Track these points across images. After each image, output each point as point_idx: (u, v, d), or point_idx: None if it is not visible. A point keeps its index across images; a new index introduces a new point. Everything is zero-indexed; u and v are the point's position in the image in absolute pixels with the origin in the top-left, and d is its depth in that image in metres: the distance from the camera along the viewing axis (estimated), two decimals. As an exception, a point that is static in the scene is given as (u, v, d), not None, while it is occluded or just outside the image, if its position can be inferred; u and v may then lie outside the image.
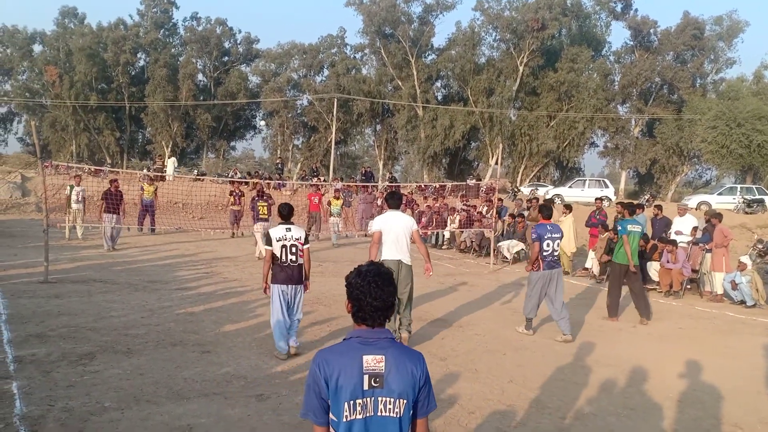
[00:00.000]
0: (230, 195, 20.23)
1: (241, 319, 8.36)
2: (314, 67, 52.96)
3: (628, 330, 8.93)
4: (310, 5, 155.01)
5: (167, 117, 49.16)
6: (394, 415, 2.21)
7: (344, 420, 2.18)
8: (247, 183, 26.16)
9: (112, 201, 15.41)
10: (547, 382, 6.19)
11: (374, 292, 2.26)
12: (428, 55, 48.06)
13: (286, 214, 6.94)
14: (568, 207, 15.40)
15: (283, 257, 6.64)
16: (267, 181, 25.80)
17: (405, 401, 2.23)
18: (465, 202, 20.86)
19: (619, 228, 9.61)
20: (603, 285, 13.12)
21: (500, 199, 20.59)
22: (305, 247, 6.83)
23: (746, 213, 25.79)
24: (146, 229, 19.05)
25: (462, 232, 18.25)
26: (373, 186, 27.07)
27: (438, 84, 49.39)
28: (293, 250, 6.68)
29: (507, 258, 16.19)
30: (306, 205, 20.84)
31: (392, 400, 2.21)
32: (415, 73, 45.46)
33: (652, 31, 44.44)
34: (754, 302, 11.13)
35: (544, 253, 8.07)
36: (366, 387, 2.19)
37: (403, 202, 14.18)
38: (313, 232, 18.69)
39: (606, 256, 13.64)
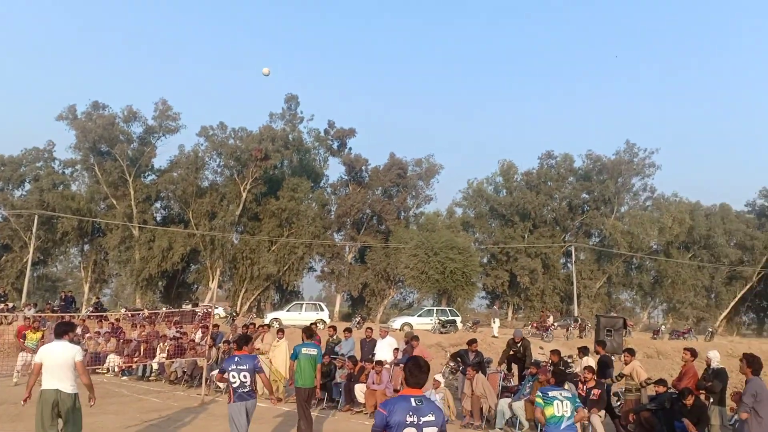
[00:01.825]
0: None
1: None
2: (13, 181, 47.33)
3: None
4: (12, 115, 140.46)
5: None
6: None
7: None
8: None
9: None
10: None
11: None
12: (148, 175, 46.65)
13: None
14: (281, 331, 15.53)
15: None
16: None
17: None
18: (178, 329, 19.76)
19: (293, 353, 9.96)
20: (313, 410, 13.28)
21: (216, 325, 20.01)
22: None
23: (441, 333, 28.79)
24: None
25: (172, 362, 17.11)
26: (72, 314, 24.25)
27: (158, 205, 47.81)
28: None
29: (220, 388, 15.48)
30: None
31: None
32: (132, 193, 43.53)
33: (363, 168, 49.49)
34: (446, 418, 12.18)
35: (234, 385, 7.93)
36: None
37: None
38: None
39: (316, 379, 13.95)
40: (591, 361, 13.54)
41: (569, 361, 14.22)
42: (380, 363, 13.07)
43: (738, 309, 52.13)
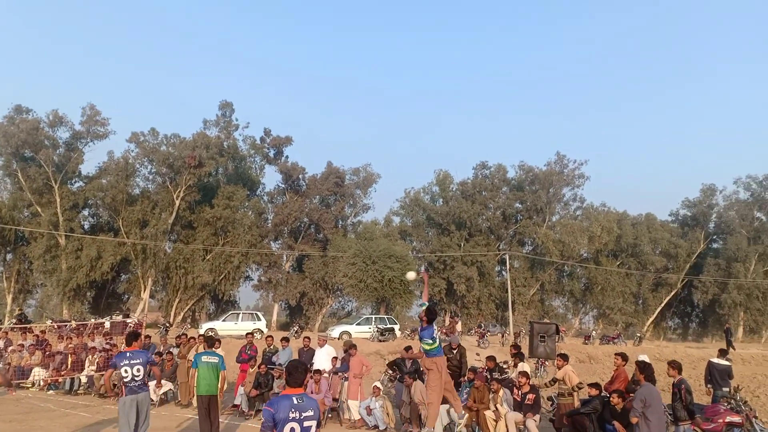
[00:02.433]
0: None
1: None
2: (-73, 185, 44.66)
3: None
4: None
5: None
6: None
7: None
8: None
9: None
10: None
11: None
12: (75, 182, 44.84)
13: None
14: (218, 341, 15.22)
15: None
16: None
17: None
18: (108, 340, 19.08)
19: (193, 362, 10.21)
20: (250, 420, 13.10)
21: (148, 336, 19.45)
22: None
23: (380, 341, 28.95)
24: None
25: (102, 374, 16.49)
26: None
27: (85, 212, 46.03)
28: None
29: (153, 400, 15.05)
30: None
31: None
32: (58, 200, 41.69)
33: (301, 176, 49.12)
34: (386, 426, 12.22)
35: (125, 380, 8.36)
36: None
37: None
38: None
39: (255, 390, 13.77)
40: (526, 366, 13.88)
41: (504, 366, 14.52)
42: (319, 372, 13.05)
43: (664, 314, 54.50)
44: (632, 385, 10.72)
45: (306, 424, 4.80)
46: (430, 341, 9.32)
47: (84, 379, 17.11)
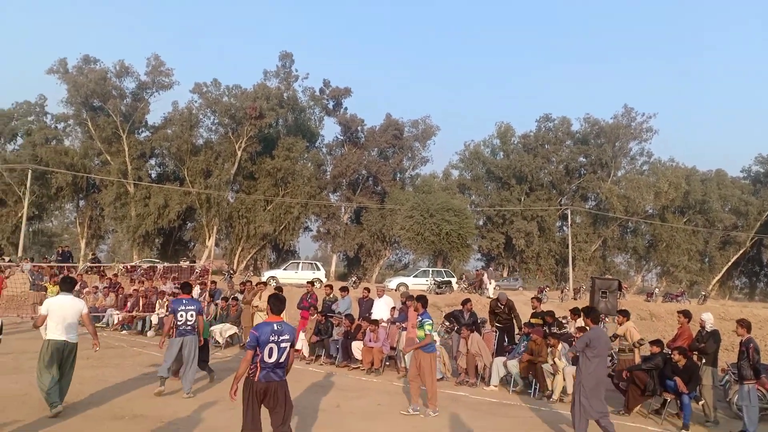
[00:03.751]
0: None
1: None
2: (5, 135, 46.94)
3: (331, 411, 9.14)
4: (4, 67, 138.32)
5: None
6: None
7: None
8: None
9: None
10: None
11: None
12: (142, 131, 46.20)
13: None
14: (279, 289, 15.58)
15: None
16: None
17: None
18: (176, 285, 19.82)
19: (171, 308, 10.42)
20: (311, 365, 13.45)
21: (214, 282, 20.08)
22: None
23: (437, 293, 29.00)
24: None
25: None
26: (70, 267, 24.26)
27: (152, 162, 47.53)
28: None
29: (219, 342, 15.64)
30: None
31: None
32: (126, 149, 43.14)
33: (359, 128, 49.04)
34: (442, 375, 12.33)
35: (178, 323, 9.52)
36: None
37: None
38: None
39: (315, 336, 14.09)
40: (583, 322, 13.64)
41: (564, 321, 14.34)
42: (376, 322, 13.20)
43: (731, 273, 52.63)
44: (696, 343, 10.42)
45: (282, 345, 5.80)
46: (430, 321, 9.11)
47: (155, 321, 17.91)
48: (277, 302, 6.14)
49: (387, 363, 13.36)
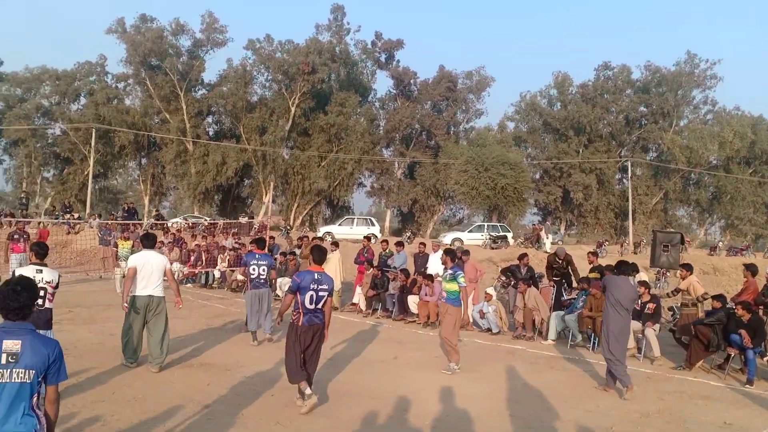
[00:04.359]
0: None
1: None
2: (69, 95, 48.61)
3: (389, 362, 9.35)
4: (66, 28, 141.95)
5: None
6: (26, 380, 3.04)
7: None
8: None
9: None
10: (312, 420, 6.18)
11: (12, 297, 3.11)
12: (198, 89, 46.94)
13: (44, 253, 6.51)
14: (336, 244, 15.84)
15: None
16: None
17: (34, 371, 3.06)
18: (236, 241, 20.41)
19: (243, 260, 11.20)
20: (368, 318, 13.72)
21: (272, 237, 20.55)
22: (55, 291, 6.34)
23: (492, 248, 28.87)
24: None
25: (233, 271, 17.80)
26: (136, 223, 25.23)
27: (209, 119, 48.37)
28: (42, 294, 5.98)
29: (279, 296, 16.09)
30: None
31: (23, 371, 3.04)
32: (184, 107, 43.99)
33: (412, 81, 48.40)
34: (499, 329, 12.40)
35: (252, 276, 10.07)
36: (3, 361, 3.02)
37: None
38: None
39: (372, 290, 14.32)
40: (644, 276, 13.39)
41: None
42: (432, 276, 13.28)
43: (799, 226, 50.29)
44: (762, 297, 10.10)
45: (321, 293, 6.32)
46: (461, 273, 8.86)
47: (217, 275, 18.57)
48: (318, 253, 6.60)
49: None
